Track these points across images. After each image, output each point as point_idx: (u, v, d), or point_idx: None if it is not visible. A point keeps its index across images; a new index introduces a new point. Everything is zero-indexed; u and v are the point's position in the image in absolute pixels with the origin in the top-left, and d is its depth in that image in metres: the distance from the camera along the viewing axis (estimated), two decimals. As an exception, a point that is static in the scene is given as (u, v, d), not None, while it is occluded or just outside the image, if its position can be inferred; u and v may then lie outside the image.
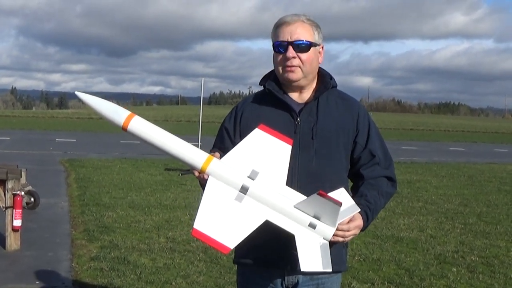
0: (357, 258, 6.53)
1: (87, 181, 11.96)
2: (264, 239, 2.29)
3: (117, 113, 2.30)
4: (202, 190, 2.31)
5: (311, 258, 2.16)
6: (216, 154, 2.31)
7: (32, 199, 8.69)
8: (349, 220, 2.27)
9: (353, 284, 5.55)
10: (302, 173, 2.39)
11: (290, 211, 2.20)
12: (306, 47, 2.41)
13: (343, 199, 2.20)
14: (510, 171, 17.98)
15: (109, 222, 7.93)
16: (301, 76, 2.44)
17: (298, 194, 2.25)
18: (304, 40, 2.41)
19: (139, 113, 2.41)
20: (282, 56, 2.43)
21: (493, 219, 9.42)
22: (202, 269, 5.92)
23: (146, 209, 9.01)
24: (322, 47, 2.51)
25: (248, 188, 2.21)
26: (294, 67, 2.42)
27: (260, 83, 2.55)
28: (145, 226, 7.80)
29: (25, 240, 6.67)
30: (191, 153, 2.27)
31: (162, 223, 8.03)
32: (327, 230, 2.20)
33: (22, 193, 6.79)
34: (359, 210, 2.30)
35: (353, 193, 2.48)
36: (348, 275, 5.72)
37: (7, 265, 5.94)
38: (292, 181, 2.33)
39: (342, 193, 2.29)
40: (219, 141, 2.58)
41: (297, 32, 2.41)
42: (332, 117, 2.48)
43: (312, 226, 2.19)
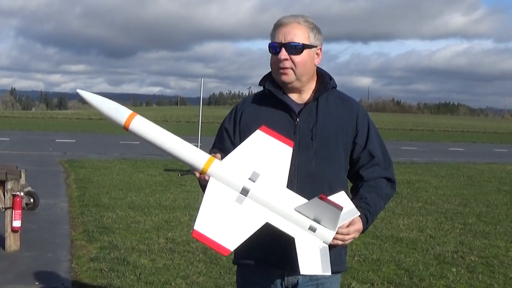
0: (356, 258, 6.53)
1: (87, 181, 11.95)
2: (264, 240, 2.29)
3: (118, 112, 2.29)
4: (202, 191, 2.31)
5: (310, 261, 2.16)
6: (218, 155, 2.30)
7: (32, 200, 8.68)
8: (349, 223, 2.27)
9: (352, 285, 5.55)
10: (302, 174, 2.39)
11: (290, 214, 2.20)
12: (299, 49, 2.39)
13: (343, 203, 2.20)
14: (510, 171, 17.98)
15: (108, 223, 7.93)
16: (294, 79, 2.44)
17: (298, 197, 2.24)
18: (297, 42, 2.39)
19: (138, 114, 2.40)
20: (276, 57, 2.43)
21: (492, 219, 9.42)
22: (202, 269, 5.91)
23: (145, 210, 9.01)
24: (319, 49, 2.48)
25: (249, 190, 2.20)
26: (286, 69, 2.41)
27: (260, 84, 2.55)
28: (145, 227, 7.80)
29: (25, 241, 6.67)
30: (192, 154, 2.26)
31: (162, 224, 8.03)
32: (327, 233, 2.20)
33: (22, 194, 6.79)
34: (359, 214, 2.30)
35: (353, 195, 2.49)
36: (347, 275, 5.72)
37: (7, 266, 5.94)
38: (292, 181, 2.33)
39: (342, 196, 2.29)
40: (219, 141, 2.58)
41: (291, 33, 2.39)
42: (331, 117, 2.47)
43: (312, 229, 2.19)
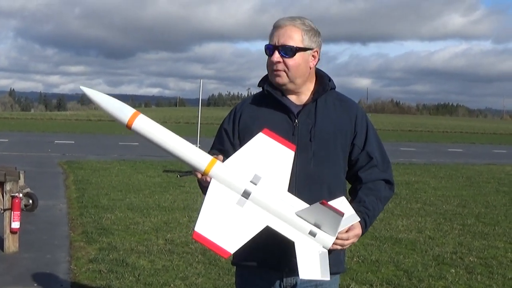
0: (355, 259, 6.53)
1: (86, 183, 11.95)
2: (264, 242, 2.29)
3: (122, 111, 2.27)
4: (202, 192, 2.30)
5: (310, 265, 2.16)
6: (220, 157, 2.30)
7: (31, 201, 8.67)
8: (348, 228, 2.27)
9: (351, 286, 5.55)
10: (300, 175, 2.39)
11: (291, 218, 2.19)
12: (291, 52, 2.38)
13: (344, 209, 2.20)
14: (509, 172, 17.99)
15: (107, 224, 7.93)
16: (287, 81, 2.43)
17: (299, 201, 2.24)
18: (290, 45, 2.38)
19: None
20: (270, 59, 2.43)
21: (491, 220, 9.42)
22: (201, 271, 5.91)
23: (144, 211, 9.01)
24: (316, 51, 2.46)
25: (250, 193, 2.20)
26: (279, 71, 2.41)
27: (259, 85, 2.55)
28: (144, 228, 7.80)
29: (23, 242, 6.66)
30: (195, 155, 2.25)
31: (161, 225, 8.02)
32: (327, 238, 2.19)
33: (21, 195, 6.78)
34: (359, 219, 2.31)
35: (351, 196, 2.49)
36: (346, 276, 5.72)
37: (5, 267, 5.93)
38: (290, 183, 2.32)
39: (343, 202, 2.29)
40: (218, 142, 2.57)
41: (285, 36, 2.39)
42: (330, 119, 2.47)
43: (312, 234, 2.18)
